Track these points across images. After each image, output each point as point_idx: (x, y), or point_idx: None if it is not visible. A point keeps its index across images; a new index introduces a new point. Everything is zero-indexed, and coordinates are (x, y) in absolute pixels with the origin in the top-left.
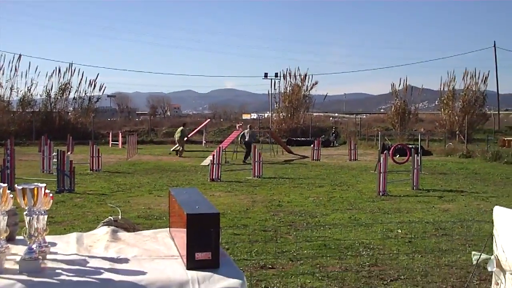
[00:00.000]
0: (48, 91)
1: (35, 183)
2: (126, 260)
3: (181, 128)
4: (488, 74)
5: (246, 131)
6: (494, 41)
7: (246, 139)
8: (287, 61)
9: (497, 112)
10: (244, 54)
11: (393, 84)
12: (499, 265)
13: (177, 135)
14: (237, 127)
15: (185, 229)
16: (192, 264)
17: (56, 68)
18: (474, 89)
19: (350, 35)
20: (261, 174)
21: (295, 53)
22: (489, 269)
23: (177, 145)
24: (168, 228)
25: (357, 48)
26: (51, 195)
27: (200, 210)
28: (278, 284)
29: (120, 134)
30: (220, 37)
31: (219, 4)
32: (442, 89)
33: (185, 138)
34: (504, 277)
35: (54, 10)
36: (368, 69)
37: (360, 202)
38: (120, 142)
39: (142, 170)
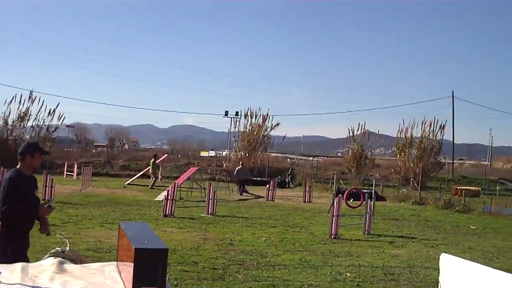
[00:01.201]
0: (5, 117)
1: None
2: None
3: (152, 160)
4: (445, 123)
5: (238, 167)
6: (453, 91)
7: (238, 176)
8: (248, 99)
9: (451, 161)
10: (206, 90)
11: (351, 128)
12: None
13: (150, 168)
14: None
15: (133, 264)
16: None
17: (16, 94)
18: (431, 137)
19: (312, 75)
20: (214, 211)
21: (256, 91)
22: None
23: (152, 177)
24: (115, 262)
25: (318, 90)
26: None
27: (149, 245)
28: None
29: (76, 165)
30: (183, 72)
31: (182, 40)
32: (399, 135)
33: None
34: None
35: (18, 36)
36: (328, 112)
37: (311, 244)
38: (75, 173)
39: (95, 202)
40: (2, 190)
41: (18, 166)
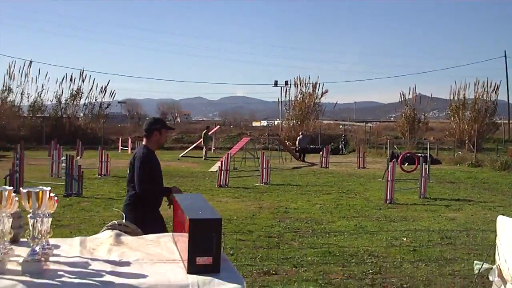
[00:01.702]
0: (58, 96)
1: (40, 187)
2: (128, 264)
3: (205, 131)
4: (499, 84)
5: (299, 137)
6: (505, 51)
7: (301, 144)
8: (297, 69)
9: (507, 121)
10: (254, 62)
11: (402, 92)
12: (500, 275)
13: (203, 140)
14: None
15: (187, 234)
16: (192, 268)
17: (66, 74)
18: (485, 98)
19: (360, 43)
20: (269, 180)
21: (304, 61)
22: (491, 278)
23: (205, 149)
24: (171, 233)
25: (366, 57)
26: (55, 198)
27: (203, 216)
28: None
29: (130, 139)
30: (230, 44)
31: (230, 11)
32: (452, 98)
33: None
34: (505, 286)
35: (65, 16)
36: (378, 78)
37: (366, 210)
38: (129, 147)
39: None
40: (138, 167)
41: (144, 143)
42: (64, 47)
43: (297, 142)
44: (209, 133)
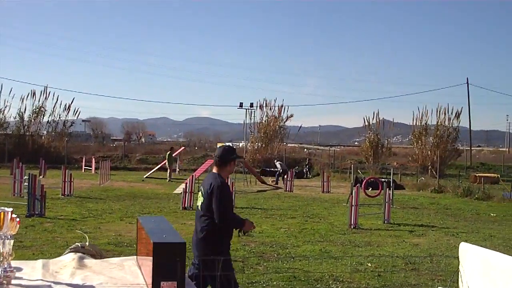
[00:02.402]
0: (21, 113)
1: (2, 208)
2: None
3: (168, 152)
4: (461, 110)
5: (278, 163)
6: (467, 78)
7: (283, 166)
8: (262, 91)
9: (469, 148)
10: (220, 83)
11: (366, 117)
12: None
13: (166, 161)
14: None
15: (152, 258)
16: None
17: (30, 91)
18: (447, 124)
19: (325, 66)
20: (233, 204)
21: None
22: None
23: (169, 170)
24: (135, 256)
25: (332, 80)
26: (18, 219)
27: (167, 239)
28: None
29: (94, 159)
30: (196, 65)
31: (195, 32)
32: (414, 123)
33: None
34: None
35: (30, 32)
36: (343, 102)
37: (331, 234)
38: (93, 167)
39: (114, 196)
40: (219, 198)
41: (216, 171)
42: (28, 63)
43: (279, 165)
44: (174, 154)
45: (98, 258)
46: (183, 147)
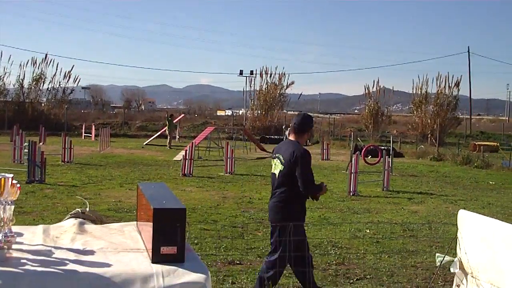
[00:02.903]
0: (21, 81)
1: (2, 174)
2: (91, 252)
3: (169, 119)
4: (461, 79)
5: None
6: (468, 47)
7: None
8: (263, 59)
9: (469, 116)
10: (220, 50)
11: (367, 85)
12: (461, 267)
13: (167, 128)
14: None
15: (152, 224)
16: (157, 258)
17: (31, 58)
18: (447, 92)
19: (326, 34)
20: (233, 170)
21: (270, 51)
22: (452, 270)
23: (169, 137)
24: (135, 222)
25: (332, 48)
26: (18, 185)
27: (167, 205)
28: (245, 280)
29: (93, 126)
30: (196, 32)
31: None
32: (414, 92)
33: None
34: (466, 278)
35: None
36: (343, 70)
37: (330, 201)
38: (93, 135)
39: (114, 163)
40: (304, 165)
41: (294, 138)
42: (28, 30)
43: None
44: (174, 121)
45: (98, 224)
46: (183, 114)
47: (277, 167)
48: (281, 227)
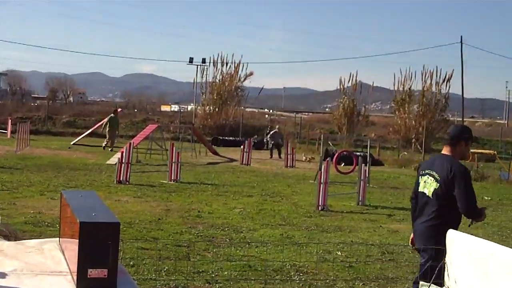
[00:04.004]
0: None
1: None
2: (2, 275)
3: (111, 115)
4: (452, 74)
5: (274, 131)
6: (461, 36)
7: (275, 139)
8: (217, 45)
9: (461, 119)
10: (166, 34)
11: (342, 79)
12: None
13: (106, 126)
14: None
15: (77, 240)
16: (83, 282)
17: None
18: (434, 90)
19: (292, 16)
20: (178, 178)
21: (226, 35)
22: None
23: (107, 138)
24: (57, 239)
25: (299, 34)
26: None
27: (97, 218)
28: None
29: (10, 121)
30: (138, 11)
31: None
32: (396, 88)
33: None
34: None
35: None
36: (313, 60)
37: (295, 217)
38: (8, 131)
39: (34, 166)
40: (465, 185)
41: (448, 152)
42: None
43: (268, 136)
44: (107, 119)
45: (12, 240)
46: (120, 109)
47: (429, 185)
48: (437, 251)
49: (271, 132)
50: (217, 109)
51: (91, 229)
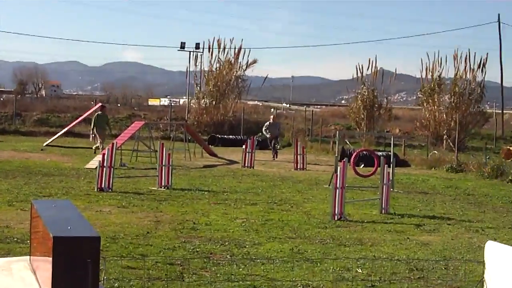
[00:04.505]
0: None
1: None
2: None
3: (98, 113)
4: (486, 58)
5: (269, 122)
6: (499, 14)
7: (272, 132)
8: (213, 27)
9: (500, 111)
10: (154, 15)
11: (360, 66)
12: None
13: (92, 125)
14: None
15: (51, 259)
16: None
17: None
18: (468, 77)
19: None
20: (170, 183)
21: (224, 16)
22: None
23: (97, 137)
24: (28, 257)
25: (308, 14)
26: None
27: (73, 232)
28: None
29: None
30: None
31: None
32: (424, 76)
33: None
34: None
35: None
36: (325, 44)
37: (307, 228)
38: None
39: (0, 171)
40: None
41: None
42: None
43: (264, 130)
44: (88, 113)
45: None
46: (99, 104)
47: None
48: None
49: (266, 124)
50: (214, 103)
51: (67, 245)
